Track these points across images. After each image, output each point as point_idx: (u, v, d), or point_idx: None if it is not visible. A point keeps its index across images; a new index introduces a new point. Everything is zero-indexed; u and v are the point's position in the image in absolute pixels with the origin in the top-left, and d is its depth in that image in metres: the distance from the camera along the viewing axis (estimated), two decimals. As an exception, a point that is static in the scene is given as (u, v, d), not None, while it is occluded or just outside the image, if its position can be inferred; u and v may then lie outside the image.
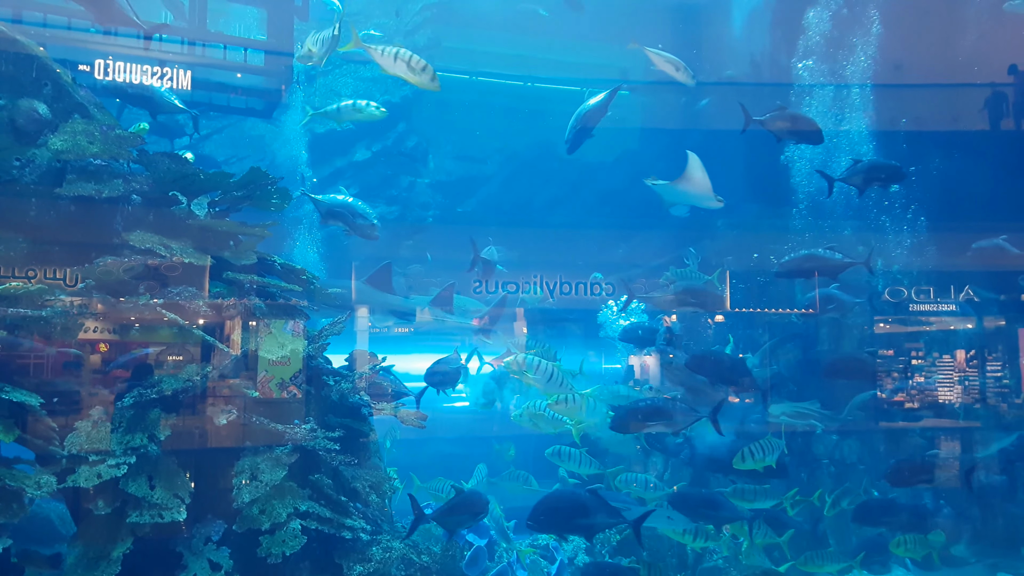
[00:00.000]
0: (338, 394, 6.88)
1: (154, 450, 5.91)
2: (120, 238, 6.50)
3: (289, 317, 7.01)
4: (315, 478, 6.52)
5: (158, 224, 6.79)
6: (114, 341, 6.55)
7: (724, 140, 14.11)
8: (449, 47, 16.71)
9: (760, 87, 13.65)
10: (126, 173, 6.77)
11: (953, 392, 12.14)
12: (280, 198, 7.34)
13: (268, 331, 6.86)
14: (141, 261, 6.42)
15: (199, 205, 6.79)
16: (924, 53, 11.84)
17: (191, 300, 6.42)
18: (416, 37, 16.44)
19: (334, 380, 6.98)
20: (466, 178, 17.23)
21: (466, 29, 16.27)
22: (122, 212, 6.79)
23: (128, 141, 6.65)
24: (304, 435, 6.44)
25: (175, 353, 6.61)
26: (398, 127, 16.71)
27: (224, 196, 7.14)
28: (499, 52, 16.64)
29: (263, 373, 6.75)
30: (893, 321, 12.49)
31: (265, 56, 10.03)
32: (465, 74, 17.34)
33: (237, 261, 6.92)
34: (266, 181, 7.13)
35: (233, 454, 6.34)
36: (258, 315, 6.83)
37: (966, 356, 12.31)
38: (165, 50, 8.92)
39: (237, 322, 6.86)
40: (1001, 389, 12.03)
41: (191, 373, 6.24)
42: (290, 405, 6.74)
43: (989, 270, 12.34)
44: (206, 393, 6.43)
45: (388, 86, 16.49)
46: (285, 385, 6.79)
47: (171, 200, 6.83)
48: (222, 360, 6.60)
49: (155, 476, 5.88)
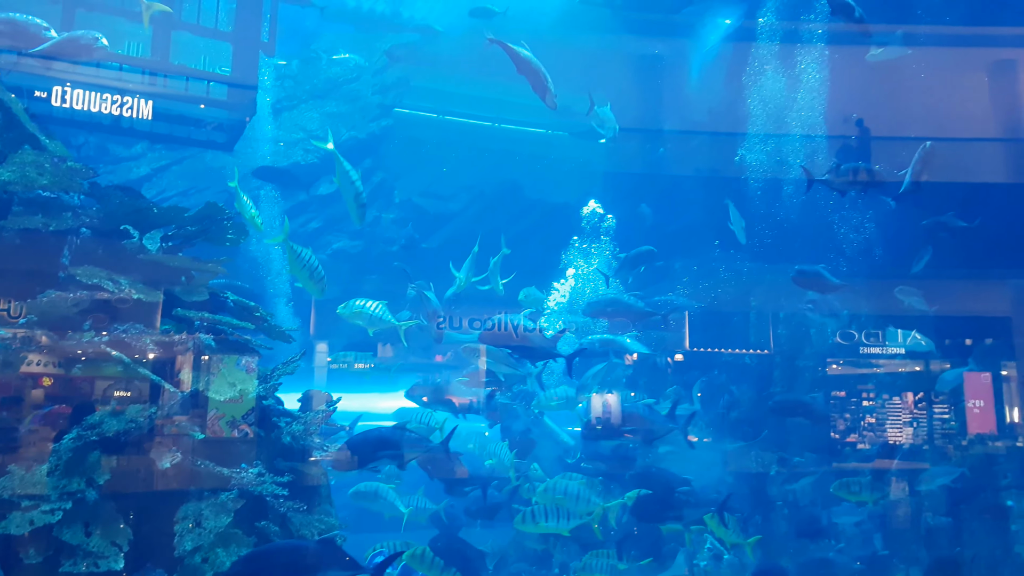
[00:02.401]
0: (289, 436, 6.76)
1: (92, 495, 5.73)
2: (67, 272, 6.38)
3: (240, 355, 6.89)
4: (262, 525, 6.36)
5: (108, 258, 6.67)
6: (58, 377, 6.37)
7: (683, 185, 14.44)
8: (418, 86, 16.88)
9: (716, 136, 14.01)
10: (76, 206, 6.67)
11: (902, 433, 12.39)
12: (236, 233, 7.28)
13: (219, 369, 6.74)
14: (88, 296, 6.29)
15: (151, 239, 6.71)
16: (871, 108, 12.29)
17: (138, 337, 6.29)
18: (385, 76, 16.57)
19: (285, 422, 6.86)
20: (432, 215, 17.29)
21: (435, 69, 16.45)
22: (70, 245, 6.66)
23: (80, 173, 6.55)
24: (251, 480, 6.30)
25: (120, 391, 6.45)
26: (364, 163, 16.74)
27: (178, 231, 7.06)
28: (468, 93, 16.85)
29: (213, 411, 6.60)
30: (845, 363, 12.75)
31: (229, 89, 10.00)
32: (433, 113, 17.51)
33: (189, 297, 6.82)
34: (222, 216, 7.07)
35: (177, 499, 6.17)
36: (208, 353, 6.71)
37: (914, 398, 12.59)
38: (126, 80, 8.88)
39: (187, 360, 6.72)
40: (947, 431, 12.31)
41: (134, 414, 6.08)
42: (239, 447, 6.59)
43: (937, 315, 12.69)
44: (150, 434, 6.26)
45: (355, 122, 16.58)
46: (236, 423, 6.65)
47: (123, 234, 6.74)
48: (169, 400, 6.46)
49: (92, 523, 5.69)
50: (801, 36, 12.52)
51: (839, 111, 12.62)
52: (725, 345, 13.37)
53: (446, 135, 17.36)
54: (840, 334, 12.58)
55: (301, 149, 15.93)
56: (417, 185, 17.14)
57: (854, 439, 12.66)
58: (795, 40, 12.59)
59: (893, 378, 12.69)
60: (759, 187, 12.98)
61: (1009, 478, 11.16)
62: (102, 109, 8.64)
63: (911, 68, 11.72)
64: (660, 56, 15.49)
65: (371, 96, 16.62)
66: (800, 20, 12.32)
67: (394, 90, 16.92)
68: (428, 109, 17.41)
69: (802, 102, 12.54)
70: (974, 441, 12.11)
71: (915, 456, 12.01)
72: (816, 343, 12.68)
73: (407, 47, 16.23)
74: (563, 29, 15.09)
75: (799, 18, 12.33)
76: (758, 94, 12.88)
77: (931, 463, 11.81)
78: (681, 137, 14.84)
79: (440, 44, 16.20)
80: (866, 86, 11.93)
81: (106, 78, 8.67)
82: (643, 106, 15.28)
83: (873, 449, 12.15)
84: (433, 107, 17.40)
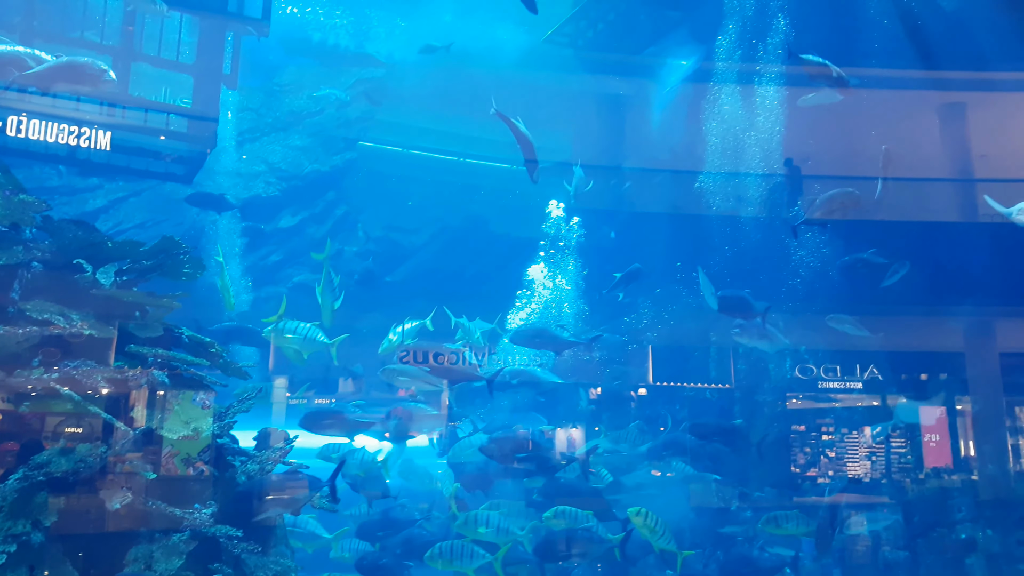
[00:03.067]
0: (244, 475, 6.61)
1: (38, 538, 5.51)
2: (17, 306, 6.21)
3: (196, 391, 6.75)
4: (215, 567, 6.17)
5: (60, 293, 6.52)
6: (5, 413, 6.17)
7: (647, 221, 14.65)
8: (383, 120, 16.93)
9: (678, 173, 14.28)
10: (28, 240, 6.52)
11: (860, 467, 12.55)
12: (192, 268, 7.17)
13: (173, 406, 6.59)
14: (38, 331, 6.13)
15: (105, 274, 6.56)
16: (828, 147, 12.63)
17: (90, 374, 6.14)
18: (349, 110, 16.59)
19: (240, 461, 6.71)
20: (395, 248, 17.24)
21: (400, 104, 16.54)
22: (21, 279, 6.50)
23: (32, 207, 6.42)
24: (204, 520, 6.13)
25: (71, 427, 6.27)
26: (327, 195, 16.68)
27: (133, 265, 6.93)
28: (433, 127, 16.95)
29: (168, 448, 6.44)
30: (804, 398, 12.93)
31: (189, 121, 9.93)
32: (398, 146, 17.56)
33: (143, 333, 6.67)
34: (178, 250, 6.96)
35: (127, 540, 5.97)
36: (162, 390, 6.57)
37: (872, 432, 12.78)
38: (83, 111, 8.77)
39: (140, 397, 6.56)
40: (904, 464, 12.50)
41: (84, 452, 5.90)
42: (192, 486, 6.42)
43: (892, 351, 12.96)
44: (101, 474, 6.07)
45: (318, 155, 16.53)
46: (191, 461, 6.49)
47: (76, 268, 6.59)
48: (121, 438, 6.28)
49: (38, 566, 5.47)
50: (758, 78, 12.87)
51: (795, 150, 12.96)
52: (687, 379, 13.48)
53: (411, 169, 17.40)
54: (799, 368, 12.77)
55: (263, 181, 15.83)
56: (382, 218, 17.11)
57: (814, 473, 12.78)
58: (752, 81, 12.93)
59: (851, 412, 12.89)
60: (719, 223, 13.20)
61: (964, 511, 11.32)
62: (59, 140, 8.52)
63: (865, 109, 12.09)
64: (623, 96, 15.81)
65: (335, 129, 16.63)
66: (757, 62, 12.68)
67: (358, 124, 16.95)
68: (393, 143, 17.46)
69: (758, 141, 12.86)
70: (930, 475, 12.31)
71: (873, 490, 12.15)
72: (775, 378, 12.84)
73: (371, 82, 16.30)
74: (527, 68, 15.33)
75: (756, 60, 12.68)
76: (716, 133, 13.19)
77: (889, 497, 11.97)
78: (644, 174, 15.09)
79: (405, 79, 16.31)
80: (822, 126, 12.26)
81: (63, 109, 8.57)
82: (607, 144, 15.55)
83: (834, 483, 12.27)
84: (398, 141, 17.46)
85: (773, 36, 12.41)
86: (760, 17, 12.52)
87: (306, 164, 16.25)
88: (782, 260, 12.64)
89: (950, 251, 12.30)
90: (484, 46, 15.22)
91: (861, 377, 12.89)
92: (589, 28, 14.97)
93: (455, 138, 17.21)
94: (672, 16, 14.16)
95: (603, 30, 14.90)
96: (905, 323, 13.13)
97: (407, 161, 17.56)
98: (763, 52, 12.56)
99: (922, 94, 13.19)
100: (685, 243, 13.30)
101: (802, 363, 12.83)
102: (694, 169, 13.22)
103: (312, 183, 16.34)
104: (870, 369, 12.85)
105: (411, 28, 16.60)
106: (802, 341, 12.73)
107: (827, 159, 12.85)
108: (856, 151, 12.00)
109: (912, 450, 12.57)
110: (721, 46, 12.99)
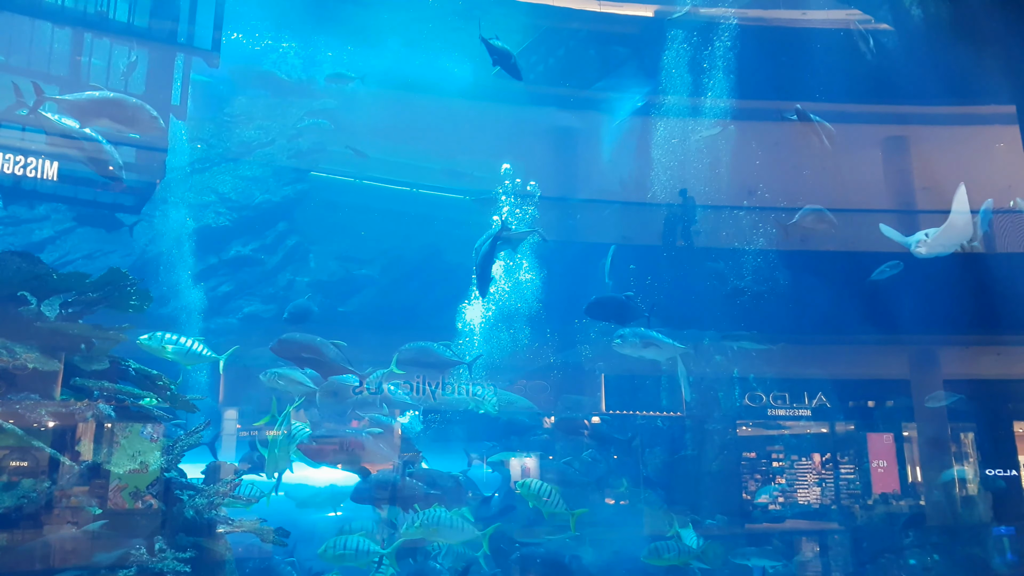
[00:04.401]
0: (192, 510, 6.47)
1: (-24, 576, 5.33)
2: (-42, 340, 6.04)
3: (143, 424, 6.61)
4: (162, 603, 6.02)
5: (4, 326, 6.37)
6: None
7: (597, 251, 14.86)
8: (335, 151, 16.88)
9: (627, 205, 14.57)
10: (-30, 272, 6.36)
11: (809, 493, 12.77)
12: (139, 299, 7.06)
13: (120, 440, 6.44)
14: (-21, 366, 5.97)
15: (50, 306, 6.43)
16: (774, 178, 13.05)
17: (34, 407, 5.99)
18: (300, 141, 16.53)
19: (188, 495, 6.57)
20: (348, 279, 17.10)
21: (351, 135, 16.51)
22: (-38, 312, 6.33)
23: (-25, 238, 6.28)
24: (151, 556, 5.97)
25: (16, 461, 6.08)
26: (278, 226, 16.51)
27: (79, 297, 6.80)
28: (385, 158, 16.95)
29: (115, 482, 6.28)
30: (754, 425, 13.15)
31: (137, 151, 9.80)
32: (351, 177, 17.52)
33: (88, 366, 6.54)
34: (126, 282, 6.86)
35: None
36: (108, 423, 6.42)
37: (821, 459, 13.05)
38: (28, 139, 8.59)
39: (86, 430, 6.41)
40: (853, 491, 12.75)
41: (28, 488, 5.74)
42: (139, 521, 6.27)
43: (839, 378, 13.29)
44: (46, 508, 5.90)
45: (269, 185, 16.40)
46: (139, 495, 6.33)
47: (20, 300, 6.44)
48: (66, 472, 6.11)
49: (-26, 607, 5.27)
50: (705, 111, 13.24)
51: (742, 183, 13.33)
52: (639, 408, 13.59)
53: (364, 199, 17.35)
54: (748, 396, 12.99)
55: (212, 211, 15.64)
56: (334, 248, 16.99)
57: (765, 500, 12.96)
58: (700, 115, 13.31)
59: (799, 440, 13.13)
60: (669, 255, 13.47)
61: (912, 537, 11.54)
62: (3, 169, 8.32)
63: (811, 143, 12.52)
64: (573, 128, 16.09)
65: (286, 160, 16.54)
66: (704, 96, 13.05)
67: (310, 155, 16.89)
68: (345, 173, 17.40)
69: (705, 173, 13.20)
70: (879, 501, 12.57)
71: (823, 516, 12.36)
72: (724, 406, 13.04)
73: (322, 112, 16.29)
74: (477, 100, 15.51)
75: (704, 95, 13.06)
76: (664, 165, 13.51)
77: (838, 523, 12.17)
78: (594, 206, 15.34)
79: (356, 110, 16.34)
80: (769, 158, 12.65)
81: (8, 138, 8.39)
82: (558, 175, 15.76)
83: (784, 510, 12.46)
84: (350, 171, 17.40)
85: (717, 73, 12.83)
86: (704, 53, 12.94)
87: (257, 194, 16.12)
88: (731, 291, 12.95)
89: (894, 281, 12.66)
90: (433, 77, 15.36)
91: (809, 404, 13.15)
92: (540, 63, 15.27)
93: (408, 168, 17.25)
94: (620, 52, 14.53)
95: (553, 65, 15.21)
96: (852, 352, 13.45)
97: (360, 191, 17.52)
98: (710, 86, 12.95)
99: (866, 128, 13.58)
100: (635, 273, 13.51)
101: (751, 391, 13.05)
102: (644, 200, 13.50)
103: (263, 213, 16.19)
104: (818, 396, 13.12)
105: (361, 59, 16.68)
106: (750, 369, 12.98)
107: (773, 191, 13.24)
108: (801, 183, 12.37)
109: (860, 476, 12.82)
110: (670, 79, 13.37)
